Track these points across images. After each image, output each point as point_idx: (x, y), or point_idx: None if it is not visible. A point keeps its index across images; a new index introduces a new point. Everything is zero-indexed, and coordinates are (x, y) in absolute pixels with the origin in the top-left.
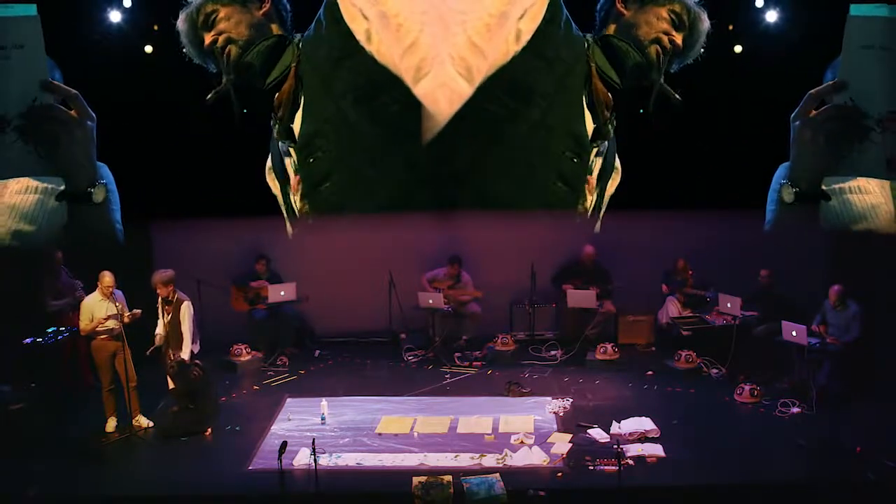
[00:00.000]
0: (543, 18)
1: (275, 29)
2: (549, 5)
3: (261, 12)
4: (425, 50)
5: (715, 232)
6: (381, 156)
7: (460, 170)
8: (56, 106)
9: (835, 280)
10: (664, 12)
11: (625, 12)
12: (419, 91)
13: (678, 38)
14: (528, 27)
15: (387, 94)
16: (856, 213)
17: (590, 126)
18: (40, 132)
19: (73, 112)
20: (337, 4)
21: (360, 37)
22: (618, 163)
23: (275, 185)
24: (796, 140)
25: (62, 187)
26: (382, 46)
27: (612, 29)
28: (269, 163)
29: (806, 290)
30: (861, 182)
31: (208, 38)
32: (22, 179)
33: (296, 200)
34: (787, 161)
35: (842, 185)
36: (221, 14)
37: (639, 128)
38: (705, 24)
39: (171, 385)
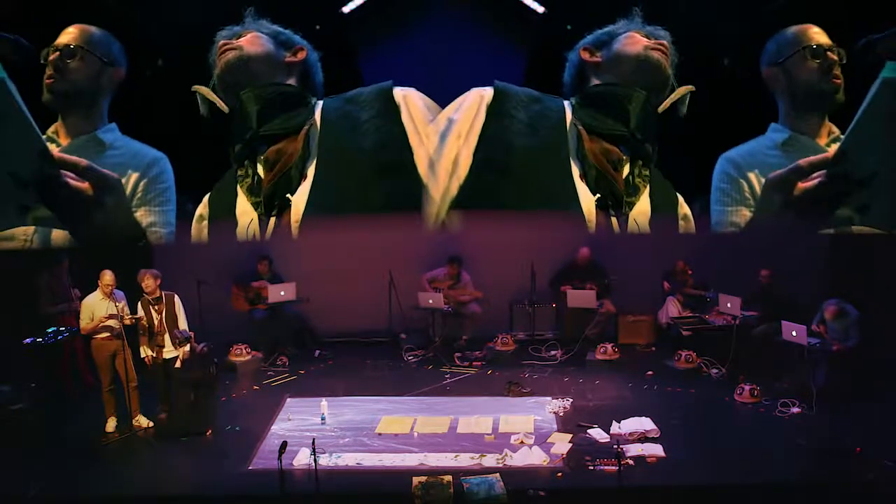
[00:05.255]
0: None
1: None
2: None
3: (289, 59)
4: None
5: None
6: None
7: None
8: (64, 180)
9: (834, 280)
10: (637, 35)
11: (597, 58)
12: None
13: (664, 47)
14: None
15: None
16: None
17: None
18: (60, 204)
19: (85, 185)
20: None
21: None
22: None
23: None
24: (763, 198)
25: None
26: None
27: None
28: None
29: (806, 290)
30: None
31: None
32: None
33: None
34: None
35: None
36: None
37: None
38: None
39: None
